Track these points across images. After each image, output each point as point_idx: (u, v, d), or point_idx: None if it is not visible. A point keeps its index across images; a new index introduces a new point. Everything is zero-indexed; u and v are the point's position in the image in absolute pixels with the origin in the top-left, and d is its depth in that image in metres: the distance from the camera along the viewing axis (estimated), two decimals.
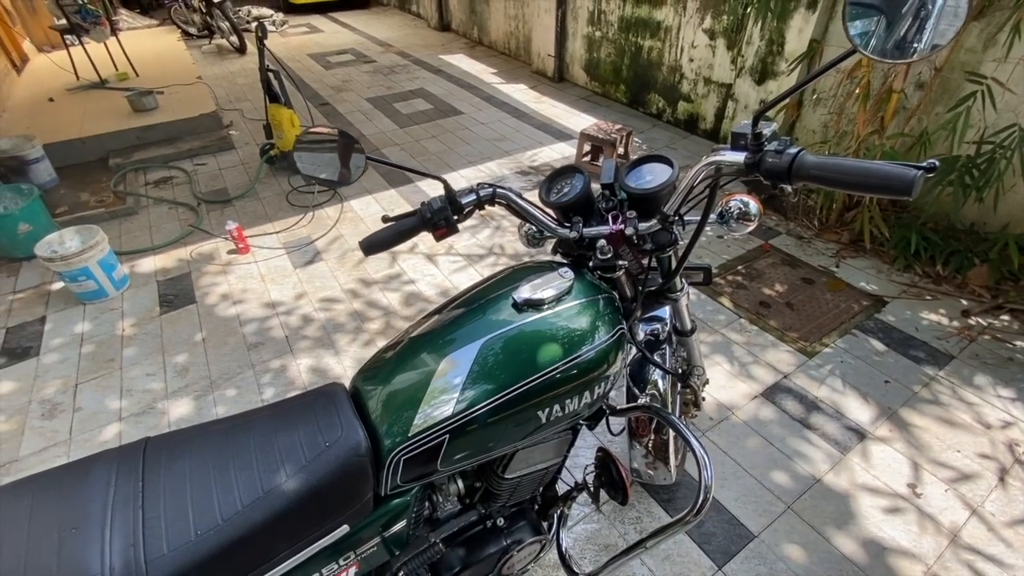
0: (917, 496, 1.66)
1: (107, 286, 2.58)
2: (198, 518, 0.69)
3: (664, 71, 4.27)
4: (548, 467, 1.10)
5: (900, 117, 2.69)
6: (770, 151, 0.74)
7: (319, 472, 0.76)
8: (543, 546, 1.14)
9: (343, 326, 2.42)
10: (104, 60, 4.89)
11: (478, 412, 0.82)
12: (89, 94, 4.60)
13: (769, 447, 1.82)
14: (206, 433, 0.80)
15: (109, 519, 0.68)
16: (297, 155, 0.89)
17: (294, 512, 0.73)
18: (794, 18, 3.08)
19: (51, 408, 2.05)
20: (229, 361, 2.24)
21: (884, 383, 2.05)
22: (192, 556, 0.67)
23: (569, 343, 0.87)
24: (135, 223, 3.23)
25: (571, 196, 1.00)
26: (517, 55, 6.05)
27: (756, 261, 2.78)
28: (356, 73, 5.82)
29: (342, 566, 0.85)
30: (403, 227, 0.96)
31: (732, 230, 1.02)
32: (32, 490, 0.71)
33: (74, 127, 3.95)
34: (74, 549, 0.64)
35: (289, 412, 0.83)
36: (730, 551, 1.54)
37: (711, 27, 3.76)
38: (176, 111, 4.25)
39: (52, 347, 2.33)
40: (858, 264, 2.72)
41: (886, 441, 1.83)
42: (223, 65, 6.13)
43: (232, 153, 4.08)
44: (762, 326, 2.35)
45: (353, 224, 3.19)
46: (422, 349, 0.88)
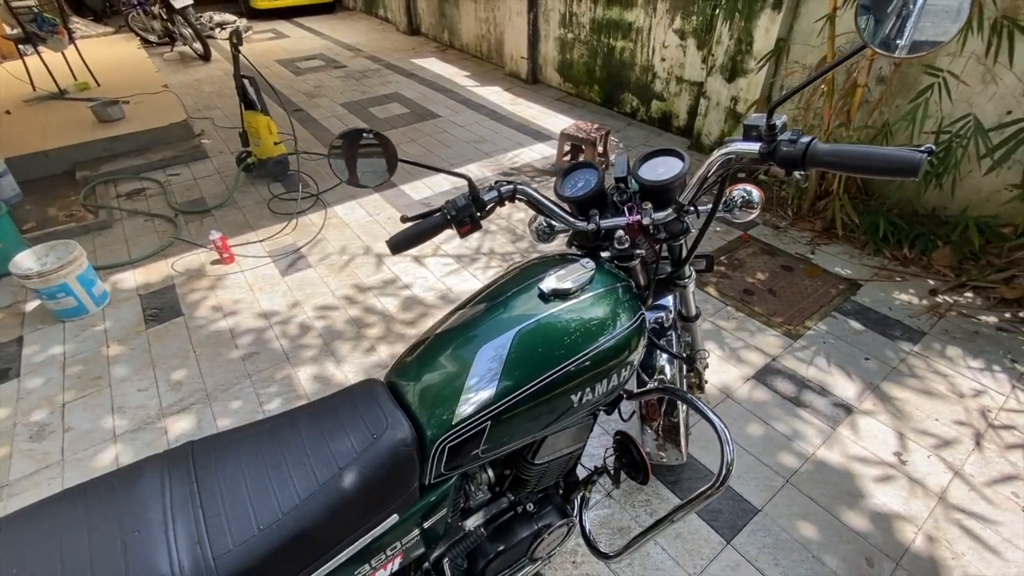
0: (903, 463, 1.77)
1: (87, 302, 2.50)
2: (259, 513, 0.70)
3: (637, 71, 4.38)
4: (572, 452, 1.14)
5: (864, 110, 2.84)
6: (784, 140, 0.80)
7: (370, 463, 0.78)
8: (570, 528, 1.18)
9: (342, 334, 2.41)
10: (62, 70, 4.72)
11: (517, 398, 0.85)
12: (48, 105, 4.42)
13: (764, 426, 1.91)
14: (252, 433, 0.81)
15: (170, 520, 0.68)
16: (332, 157, 0.91)
17: (349, 503, 0.75)
18: (761, 18, 3.22)
19: (39, 430, 1.98)
20: (224, 372, 2.21)
21: (864, 360, 2.17)
22: (258, 550, 0.68)
23: (596, 329, 0.91)
24: (110, 237, 3.13)
25: (586, 190, 1.04)
26: (489, 58, 6.10)
27: (737, 251, 2.89)
28: (327, 78, 5.76)
29: (389, 556, 0.87)
30: (429, 225, 0.98)
31: (736, 218, 1.08)
32: (85, 498, 0.71)
33: (36, 140, 3.79)
34: (140, 551, 0.65)
35: (332, 409, 0.85)
36: (737, 526, 1.61)
37: (681, 27, 3.88)
38: (144, 121, 4.13)
39: (33, 367, 2.24)
40: (832, 250, 2.86)
41: (871, 414, 1.94)
42: (188, 73, 5.98)
43: (206, 162, 3.99)
44: (748, 312, 2.45)
45: (339, 230, 3.17)
46: (456, 342, 0.91)
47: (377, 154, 0.93)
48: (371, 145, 0.92)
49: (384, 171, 0.95)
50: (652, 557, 1.54)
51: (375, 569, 0.86)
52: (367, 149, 0.93)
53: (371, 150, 0.92)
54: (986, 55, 2.33)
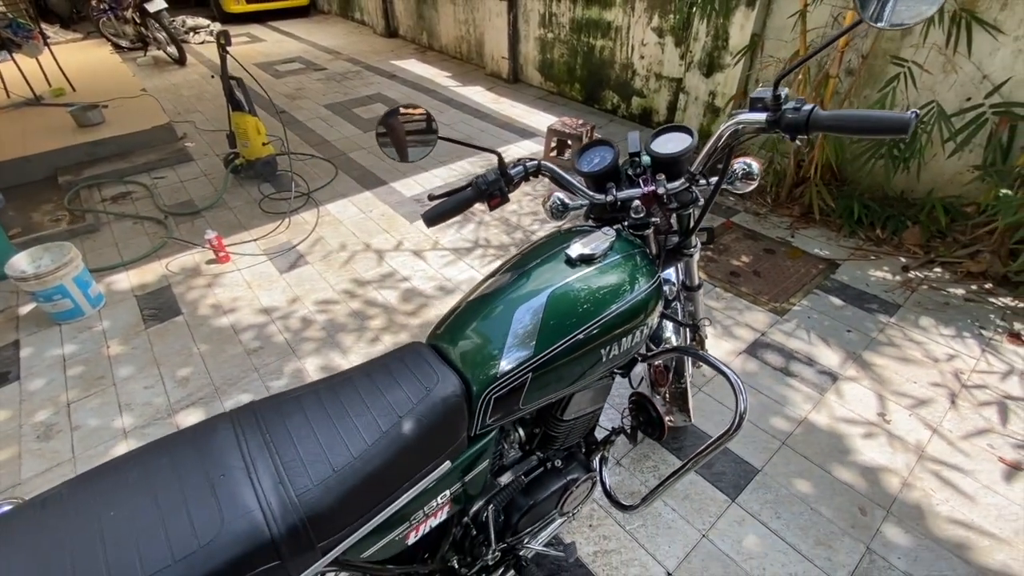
0: (887, 423, 1.91)
1: (83, 304, 2.48)
2: (332, 456, 0.76)
3: (617, 69, 4.51)
4: (594, 411, 1.22)
5: (835, 100, 3.01)
6: (788, 109, 0.90)
7: (426, 413, 0.84)
8: (594, 483, 1.26)
9: (345, 326, 2.45)
10: (36, 76, 4.61)
11: (554, 352, 0.93)
12: (24, 112, 4.32)
13: (759, 395, 2.03)
14: (310, 391, 0.87)
15: (250, 464, 0.74)
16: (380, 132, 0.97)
17: (410, 447, 0.82)
18: (736, 15, 3.37)
19: (46, 430, 1.97)
20: (230, 367, 2.23)
21: (846, 332, 2.31)
22: (335, 488, 0.74)
23: (621, 290, 0.99)
24: (98, 240, 3.09)
25: (603, 166, 1.13)
26: (470, 58, 6.17)
27: (721, 237, 3.03)
28: (308, 81, 5.75)
29: (440, 503, 0.93)
30: (462, 198, 1.05)
31: (738, 189, 1.17)
32: (166, 450, 0.76)
33: (15, 145, 3.72)
34: (229, 491, 0.70)
35: (383, 368, 0.91)
36: (740, 485, 1.71)
37: (659, 26, 4.03)
38: (125, 125, 4.08)
39: (33, 370, 2.22)
40: (810, 234, 3.02)
41: (855, 380, 2.08)
42: (164, 77, 5.89)
43: (191, 165, 3.96)
44: (736, 293, 2.57)
45: (332, 227, 3.19)
46: (492, 305, 0.98)
47: (420, 129, 0.99)
48: (413, 120, 0.99)
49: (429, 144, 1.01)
50: (663, 517, 1.63)
51: (427, 516, 0.93)
52: (409, 125, 0.99)
53: (414, 126, 0.99)
54: (946, 45, 2.51)
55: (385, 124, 0.98)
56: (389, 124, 0.98)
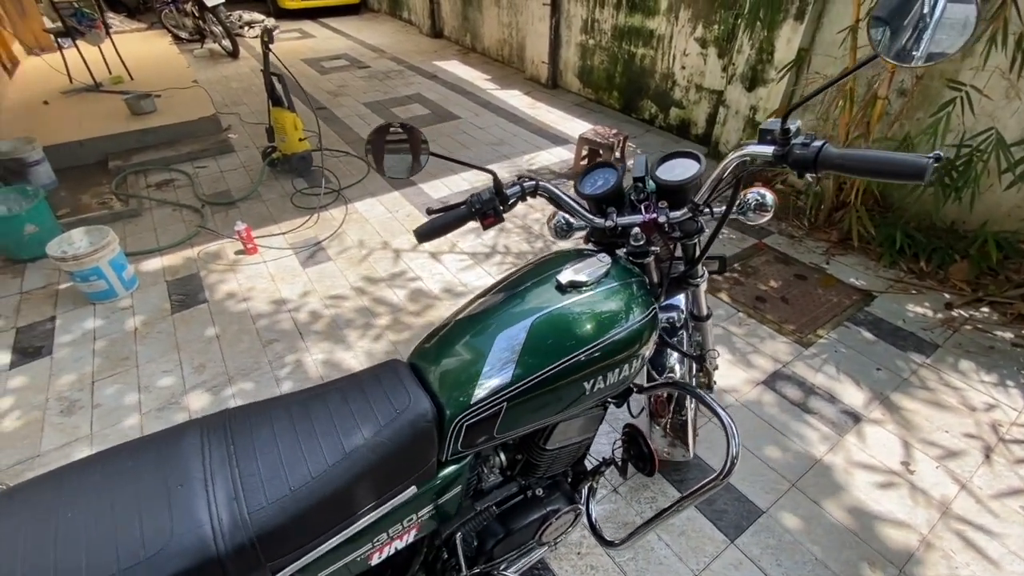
0: (910, 473, 1.78)
1: (117, 286, 2.60)
2: (291, 475, 0.76)
3: (656, 78, 4.41)
4: (582, 441, 1.18)
5: (884, 122, 2.85)
6: (797, 144, 0.84)
7: (393, 436, 0.83)
8: (577, 516, 1.22)
9: (352, 322, 2.48)
10: (97, 63, 4.88)
11: (532, 382, 0.90)
12: (84, 97, 4.58)
13: (771, 430, 1.93)
14: (283, 404, 0.86)
15: (209, 477, 0.74)
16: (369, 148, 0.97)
17: (372, 471, 0.80)
18: (783, 28, 3.24)
19: (69, 405, 2.07)
20: (245, 357, 2.28)
21: (875, 370, 2.18)
22: (290, 508, 0.73)
23: (610, 320, 0.95)
24: (139, 225, 3.24)
25: (605, 189, 1.09)
26: (510, 62, 6.17)
27: (751, 259, 2.91)
28: (351, 78, 5.88)
29: (406, 527, 0.92)
30: (454, 216, 1.03)
31: (750, 220, 1.11)
32: (132, 454, 0.77)
33: (72, 130, 3.94)
34: (183, 502, 0.70)
35: (358, 384, 0.90)
36: (741, 526, 1.63)
37: (703, 36, 3.91)
38: (174, 114, 4.26)
39: (65, 346, 2.34)
40: (847, 261, 2.86)
41: (879, 423, 1.95)
42: (216, 69, 6.14)
43: (232, 156, 4.10)
44: (760, 319, 2.46)
45: (359, 225, 3.24)
46: (476, 328, 0.96)
47: (410, 147, 0.98)
48: (403, 140, 0.98)
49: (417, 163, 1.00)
50: (656, 552, 1.57)
51: (392, 539, 0.91)
52: (401, 143, 0.98)
53: (404, 144, 0.98)
54: (1010, 70, 2.33)
55: (375, 139, 0.97)
56: (379, 139, 0.97)
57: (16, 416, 2.02)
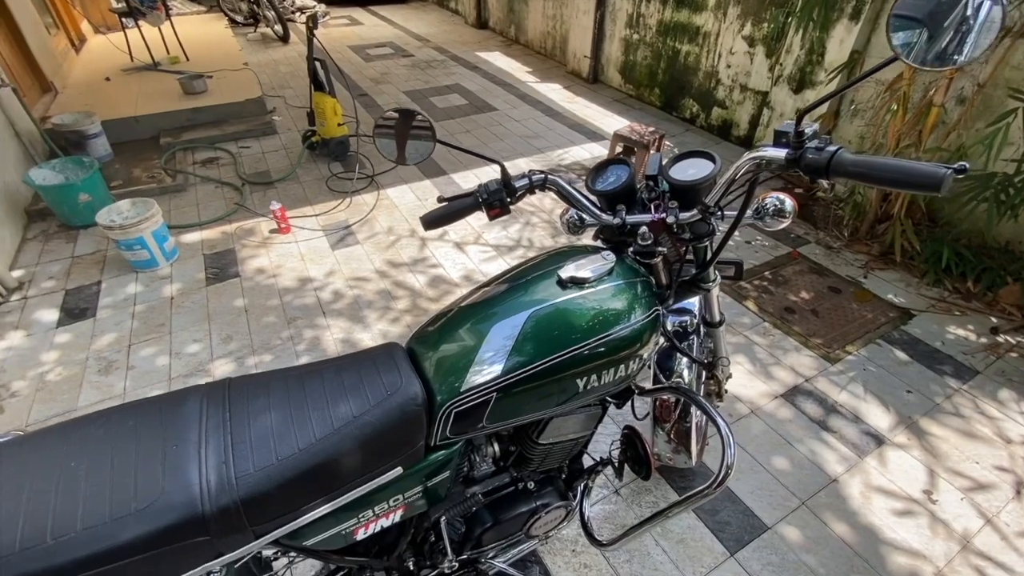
0: (932, 502, 1.69)
1: (158, 256, 2.74)
2: (279, 445, 0.79)
3: (700, 76, 4.29)
4: (577, 439, 1.17)
5: (939, 131, 2.69)
6: (811, 148, 0.80)
7: (382, 416, 0.84)
8: (568, 513, 1.22)
9: (373, 303, 2.53)
10: (157, 43, 5.11)
11: (523, 375, 0.90)
12: (143, 75, 4.81)
13: (786, 445, 1.87)
14: (283, 377, 0.90)
15: (203, 440, 0.77)
16: (377, 133, 0.98)
17: (359, 448, 0.82)
18: (836, 28, 3.09)
19: (107, 365, 2.20)
20: (269, 332, 2.37)
21: (906, 392, 2.07)
22: (275, 476, 0.76)
23: (608, 319, 0.94)
24: (183, 199, 3.39)
25: (616, 185, 1.07)
26: (553, 55, 6.12)
27: (783, 268, 2.81)
28: (394, 66, 5.96)
29: (392, 506, 0.94)
30: (460, 206, 1.04)
31: (767, 226, 1.08)
32: (135, 413, 0.81)
33: (129, 106, 4.15)
34: (176, 461, 0.74)
35: (355, 364, 0.92)
36: (743, 539, 1.59)
37: (751, 34, 3.77)
38: (224, 95, 4.43)
39: (107, 309, 2.49)
40: (887, 276, 2.73)
41: (904, 448, 1.86)
42: (267, 53, 6.34)
43: (275, 138, 4.23)
44: (786, 331, 2.38)
45: (388, 211, 3.30)
46: (474, 317, 0.97)
47: (418, 134, 0.99)
48: (414, 126, 0.99)
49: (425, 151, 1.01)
50: (652, 557, 1.55)
51: (377, 516, 0.93)
52: (409, 129, 0.99)
53: (413, 130, 0.99)
54: None
55: (383, 125, 0.98)
56: (388, 125, 0.99)
57: (59, 371, 2.16)
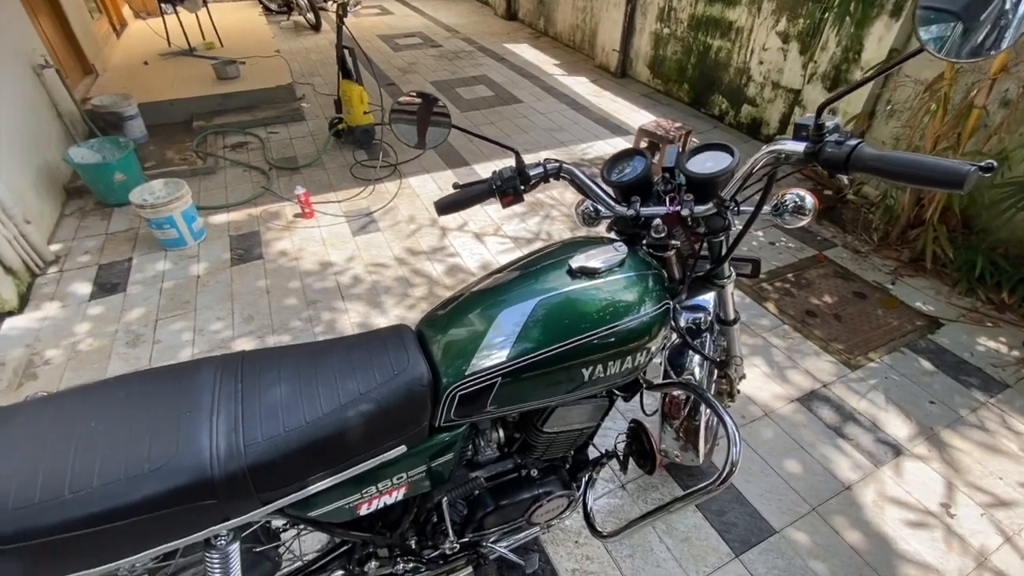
0: (950, 516, 1.64)
1: (187, 235, 2.82)
2: (287, 417, 0.81)
3: (731, 72, 4.20)
4: (582, 429, 1.17)
5: (980, 135, 2.58)
6: (831, 142, 0.78)
7: (388, 394, 0.86)
8: (571, 502, 1.22)
9: (391, 289, 2.56)
10: (193, 29, 5.24)
11: (528, 361, 0.90)
12: (179, 60, 4.94)
13: (799, 450, 1.83)
14: (294, 353, 0.92)
15: (215, 409, 0.80)
16: (393, 117, 1.00)
17: (364, 425, 0.84)
18: (875, 25, 2.99)
19: (134, 338, 2.29)
20: (289, 314, 2.42)
21: (929, 403, 2.01)
22: (281, 446, 0.79)
23: (617, 310, 0.94)
24: (213, 182, 3.48)
25: (632, 176, 1.06)
26: (581, 48, 6.07)
27: (807, 271, 2.74)
28: (422, 56, 5.98)
29: (395, 484, 0.96)
30: (474, 192, 1.05)
31: (786, 223, 1.05)
32: (153, 379, 0.85)
33: (164, 90, 4.27)
34: (189, 427, 0.77)
35: (364, 343, 0.94)
36: (749, 541, 1.57)
37: (785, 30, 3.68)
38: (255, 81, 4.52)
39: (137, 284, 2.58)
40: (916, 284, 2.64)
41: (923, 459, 1.81)
42: (299, 41, 6.43)
43: (303, 124, 4.31)
44: (806, 334, 2.33)
45: (410, 200, 3.33)
46: (483, 302, 0.97)
47: (435, 120, 1.00)
48: (432, 112, 1.00)
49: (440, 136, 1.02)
50: (655, 553, 1.54)
51: (381, 493, 0.95)
52: (427, 114, 1.00)
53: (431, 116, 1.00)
54: None
55: (400, 109, 1.00)
56: (406, 110, 1.00)
57: (90, 342, 2.25)
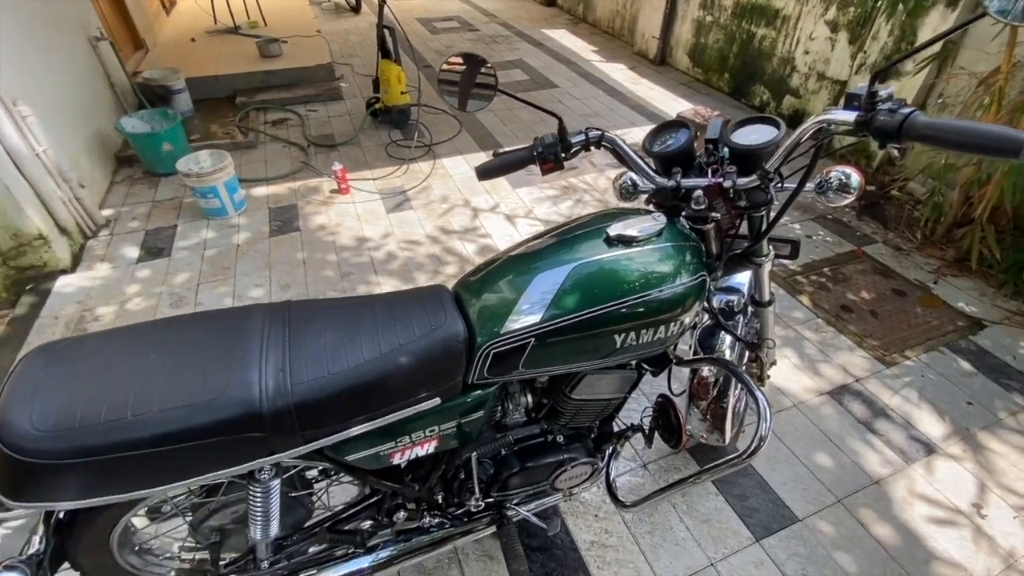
0: (981, 517, 1.60)
1: (228, 205, 2.92)
2: (331, 361, 0.85)
3: (775, 62, 4.09)
4: (609, 400, 1.19)
5: None
6: (883, 110, 0.77)
7: (425, 348, 0.89)
8: (594, 471, 1.24)
9: (423, 266, 2.61)
10: (239, 8, 5.36)
11: (562, 324, 0.92)
12: (224, 38, 5.07)
13: (827, 442, 1.81)
14: (338, 305, 0.96)
15: (264, 350, 0.85)
16: (441, 76, 1.02)
17: (402, 374, 0.88)
18: (930, 15, 2.86)
19: (177, 300, 2.39)
20: (323, 284, 2.49)
21: (966, 404, 1.95)
22: (326, 388, 0.83)
23: (651, 280, 0.95)
24: (253, 156, 3.58)
25: (674, 147, 1.06)
26: (620, 35, 5.98)
27: (845, 266, 2.68)
28: (460, 40, 5.99)
29: (427, 436, 0.99)
30: (515, 158, 1.07)
31: (830, 201, 1.04)
32: (208, 320, 0.90)
33: (210, 65, 4.39)
34: (240, 364, 0.82)
35: (404, 300, 0.98)
36: (771, 528, 1.57)
37: (835, 19, 3.55)
38: (297, 60, 4.60)
39: (181, 250, 2.69)
40: (960, 284, 2.55)
41: (956, 459, 1.77)
42: (339, 22, 6.51)
43: (340, 103, 4.38)
44: (840, 329, 2.28)
45: (443, 180, 3.36)
46: (520, 266, 1.00)
47: (482, 81, 1.02)
48: (480, 73, 1.02)
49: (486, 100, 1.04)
50: (674, 532, 1.55)
51: (413, 444, 0.99)
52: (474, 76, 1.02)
53: (474, 77, 1.02)
54: None
55: (450, 69, 1.02)
56: (455, 70, 1.02)
57: (137, 301, 2.37)
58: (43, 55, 2.75)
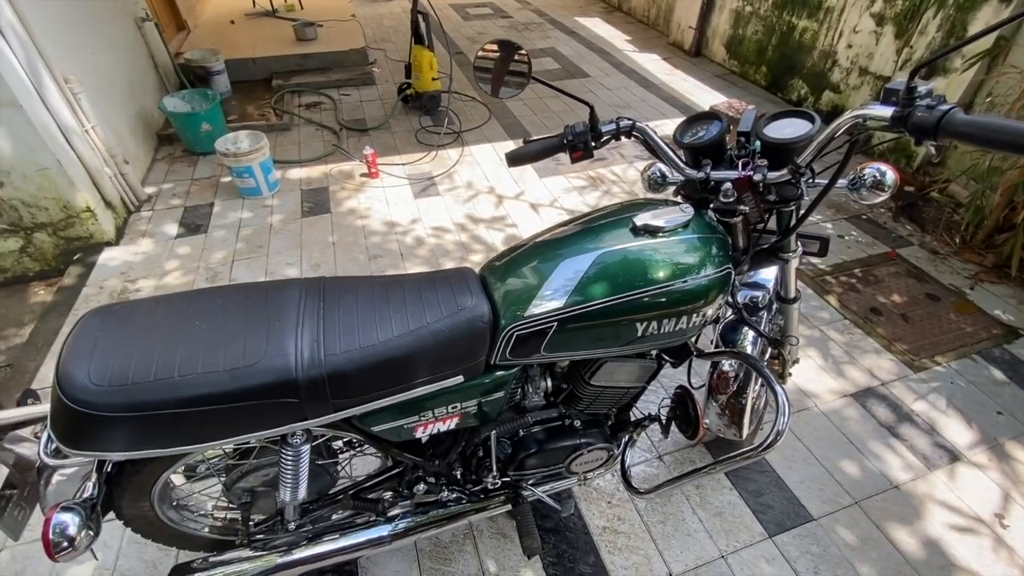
0: (1003, 527, 1.58)
1: (263, 186, 3.00)
2: (362, 335, 0.89)
3: (815, 56, 3.97)
4: (628, 388, 1.21)
5: None
6: (921, 106, 0.76)
7: (451, 327, 0.93)
8: (610, 457, 1.27)
9: (449, 253, 2.65)
10: None
11: (585, 310, 0.94)
12: (262, 20, 5.16)
13: (847, 444, 1.79)
14: (369, 282, 1.00)
15: (300, 321, 0.89)
16: (477, 63, 1.04)
17: (428, 351, 0.91)
18: (983, 9, 2.74)
19: (214, 275, 2.48)
20: (352, 265, 2.56)
21: (996, 413, 1.91)
22: (356, 360, 0.87)
23: (676, 269, 0.96)
24: (287, 138, 3.67)
25: (705, 139, 1.06)
26: (655, 24, 5.87)
27: (876, 268, 2.62)
28: (492, 27, 5.97)
29: (449, 412, 1.03)
30: (545, 145, 1.09)
31: (862, 198, 1.03)
32: (247, 292, 0.95)
33: (247, 48, 4.49)
34: (278, 334, 0.86)
35: (432, 280, 1.01)
36: (784, 525, 1.57)
37: (881, 11, 3.43)
38: (331, 44, 4.66)
39: (218, 227, 2.79)
40: (997, 291, 2.47)
41: (981, 468, 1.73)
42: (373, 8, 6.55)
43: (373, 88, 4.43)
44: (868, 331, 2.24)
45: (470, 167, 3.39)
46: (546, 251, 1.02)
47: (516, 68, 1.03)
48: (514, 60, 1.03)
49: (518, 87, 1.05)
50: (687, 523, 1.57)
51: (436, 419, 1.03)
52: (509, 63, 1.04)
53: (508, 63, 1.04)
54: None
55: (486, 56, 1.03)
56: (489, 57, 1.03)
57: (176, 275, 2.47)
58: (93, 35, 2.86)
